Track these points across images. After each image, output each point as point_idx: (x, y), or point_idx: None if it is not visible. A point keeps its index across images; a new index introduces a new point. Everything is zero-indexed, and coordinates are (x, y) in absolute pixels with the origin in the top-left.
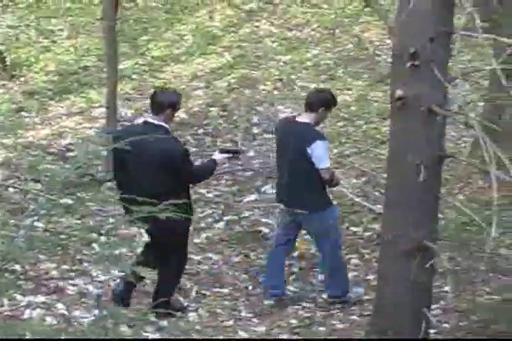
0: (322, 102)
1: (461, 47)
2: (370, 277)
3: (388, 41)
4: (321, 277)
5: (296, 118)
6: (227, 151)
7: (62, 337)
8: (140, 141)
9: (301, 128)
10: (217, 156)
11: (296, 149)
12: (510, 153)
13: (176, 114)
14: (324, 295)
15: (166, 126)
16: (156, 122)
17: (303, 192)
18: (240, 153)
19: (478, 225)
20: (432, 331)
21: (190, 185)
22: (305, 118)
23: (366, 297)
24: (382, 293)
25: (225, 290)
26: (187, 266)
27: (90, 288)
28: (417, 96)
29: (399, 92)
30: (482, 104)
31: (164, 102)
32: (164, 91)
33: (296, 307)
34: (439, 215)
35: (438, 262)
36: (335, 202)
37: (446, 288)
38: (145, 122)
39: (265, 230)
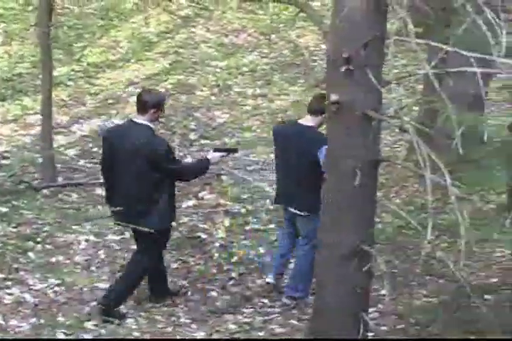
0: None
1: (396, 52)
2: None
3: (323, 46)
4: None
5: (300, 122)
6: (222, 150)
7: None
8: (124, 139)
9: (307, 131)
10: (211, 155)
11: (301, 151)
12: (444, 157)
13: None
14: (265, 300)
15: (150, 124)
16: (139, 121)
17: (304, 194)
18: (236, 152)
19: (414, 228)
20: (369, 334)
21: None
22: (310, 121)
23: (306, 301)
24: (320, 297)
25: None
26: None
27: (27, 296)
28: (352, 100)
29: (334, 97)
30: (417, 108)
31: (148, 102)
32: (149, 92)
33: (235, 312)
34: (376, 219)
35: (375, 265)
36: (273, 207)
37: (384, 291)
38: (130, 121)
39: (203, 236)
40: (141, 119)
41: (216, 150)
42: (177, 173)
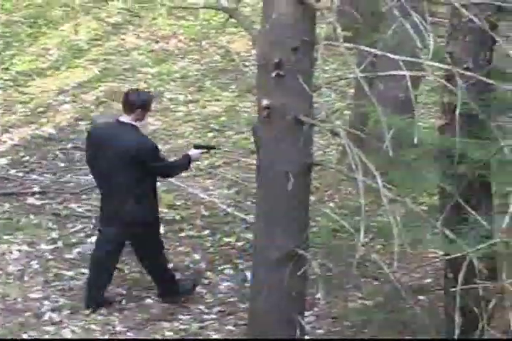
0: None
1: (326, 56)
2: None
3: (254, 52)
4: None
5: None
6: (202, 147)
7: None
8: (110, 138)
9: None
10: (192, 151)
11: None
12: (375, 160)
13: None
14: (201, 307)
15: (135, 124)
16: (126, 121)
17: None
18: (215, 148)
19: (348, 231)
20: (306, 337)
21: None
22: None
23: (242, 306)
24: (255, 302)
25: None
26: (58, 282)
27: None
28: (283, 105)
29: (265, 102)
30: (349, 112)
31: (135, 102)
32: (136, 92)
33: (171, 319)
34: (311, 223)
35: (310, 269)
36: (207, 213)
37: (319, 295)
38: (115, 121)
39: None
40: (127, 119)
41: (196, 147)
42: (162, 171)
